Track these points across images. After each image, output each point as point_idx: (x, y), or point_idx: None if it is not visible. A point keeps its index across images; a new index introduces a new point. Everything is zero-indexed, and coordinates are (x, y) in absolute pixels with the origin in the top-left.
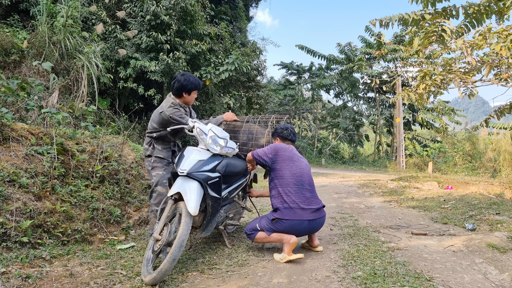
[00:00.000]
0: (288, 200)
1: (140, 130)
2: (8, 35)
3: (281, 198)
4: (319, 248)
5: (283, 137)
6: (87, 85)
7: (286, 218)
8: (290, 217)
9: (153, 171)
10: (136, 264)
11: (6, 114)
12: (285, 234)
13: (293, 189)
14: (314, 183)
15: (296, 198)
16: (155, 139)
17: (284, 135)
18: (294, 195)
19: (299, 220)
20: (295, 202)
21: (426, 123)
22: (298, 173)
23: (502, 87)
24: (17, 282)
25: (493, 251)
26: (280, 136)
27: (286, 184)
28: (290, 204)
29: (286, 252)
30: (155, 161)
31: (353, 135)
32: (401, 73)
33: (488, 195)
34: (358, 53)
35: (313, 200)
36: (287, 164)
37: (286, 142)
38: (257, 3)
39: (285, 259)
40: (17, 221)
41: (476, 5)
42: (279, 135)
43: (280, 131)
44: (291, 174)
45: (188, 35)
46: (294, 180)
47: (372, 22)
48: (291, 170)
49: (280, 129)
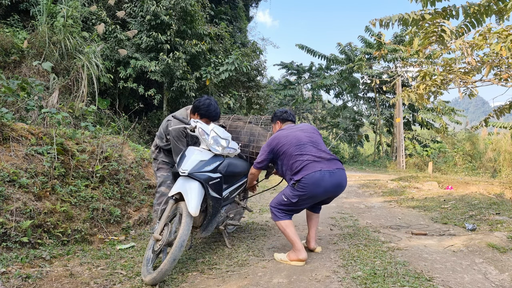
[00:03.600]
0: (298, 162)
1: (140, 130)
2: (8, 35)
3: (291, 166)
4: (317, 249)
5: (283, 119)
6: (87, 85)
7: (305, 174)
8: (308, 171)
9: (158, 172)
10: (136, 264)
11: (6, 114)
12: (299, 243)
13: (297, 153)
14: (320, 140)
15: (305, 157)
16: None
17: (284, 117)
18: (301, 156)
19: (318, 171)
20: (306, 160)
21: (426, 123)
22: (295, 142)
23: (502, 87)
24: (17, 282)
25: (493, 251)
26: (280, 118)
27: (290, 156)
28: (302, 163)
29: (288, 257)
30: (161, 163)
31: (353, 135)
32: (401, 73)
33: (488, 195)
34: (358, 53)
35: (322, 153)
36: (283, 143)
37: (285, 123)
38: (257, 3)
39: (285, 262)
40: (17, 221)
41: (476, 5)
42: (279, 118)
43: (279, 114)
44: (290, 147)
45: (188, 35)
46: (295, 149)
47: (372, 22)
48: (289, 145)
49: (280, 112)
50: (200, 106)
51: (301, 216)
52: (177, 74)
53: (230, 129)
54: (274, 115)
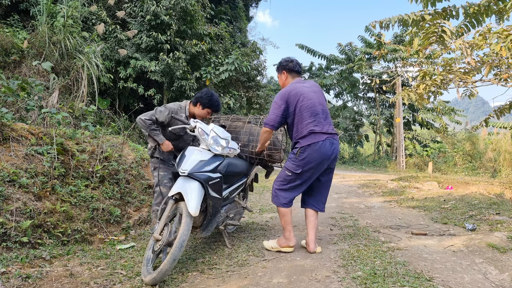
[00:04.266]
0: (303, 127)
1: (140, 130)
2: (8, 35)
3: (298, 131)
4: (317, 249)
5: (289, 69)
6: (87, 85)
7: (311, 142)
8: (315, 140)
9: (155, 171)
10: (136, 264)
11: (6, 114)
12: (291, 231)
13: (308, 121)
14: (328, 111)
15: (316, 127)
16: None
17: (290, 67)
18: (312, 124)
19: (322, 141)
20: (316, 130)
21: (426, 123)
22: (310, 106)
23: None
24: (17, 282)
25: (493, 251)
26: (286, 69)
27: (301, 119)
28: (306, 130)
29: (278, 243)
30: (157, 161)
31: (353, 135)
32: (401, 73)
33: (488, 195)
34: (358, 53)
35: (328, 126)
36: (297, 101)
37: (292, 74)
38: (257, 3)
39: (275, 249)
40: (17, 221)
41: (476, 5)
42: (285, 68)
43: (285, 63)
44: (305, 110)
45: (188, 35)
46: (308, 114)
47: (372, 25)
48: (305, 108)
49: (285, 61)
50: (202, 96)
51: (301, 216)
52: (177, 74)
53: (229, 129)
54: (280, 64)
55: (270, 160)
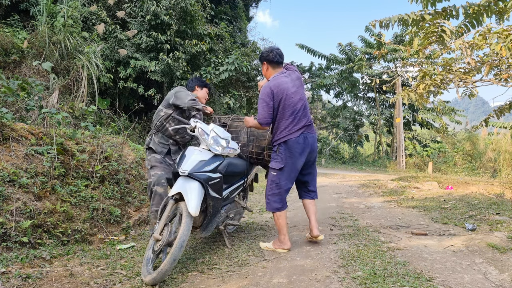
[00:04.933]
0: (282, 126)
1: (140, 130)
2: (8, 35)
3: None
4: (320, 237)
5: (269, 60)
6: (87, 85)
7: (282, 140)
8: (286, 138)
9: (152, 170)
10: (136, 264)
11: (6, 114)
12: (286, 234)
13: (289, 120)
14: (307, 103)
15: (295, 125)
16: (157, 131)
17: (270, 58)
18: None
19: (294, 136)
20: (288, 127)
21: (426, 123)
22: (292, 105)
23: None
24: (17, 282)
25: (493, 251)
26: (267, 59)
27: (282, 117)
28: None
29: (273, 245)
30: (156, 160)
31: (353, 135)
32: (401, 73)
33: (488, 195)
34: (358, 53)
35: (307, 121)
36: (280, 98)
37: (273, 65)
38: (257, 3)
39: (270, 249)
40: (17, 221)
41: (476, 5)
42: (266, 58)
43: (266, 54)
44: (288, 109)
45: (188, 35)
46: (290, 112)
47: (372, 24)
48: (288, 106)
49: (266, 52)
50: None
51: (301, 216)
52: (177, 74)
53: (230, 129)
54: (261, 55)
55: (270, 160)
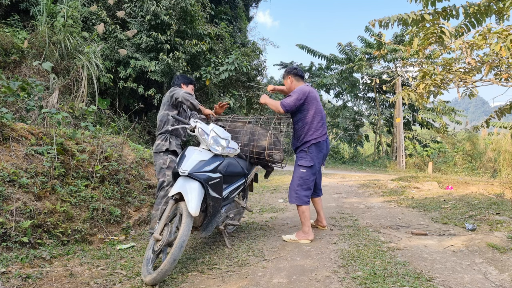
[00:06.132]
0: (314, 129)
1: (140, 130)
2: (8, 35)
3: (310, 129)
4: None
5: (295, 74)
6: (87, 85)
7: (313, 137)
8: (317, 140)
9: (168, 170)
10: (136, 264)
11: (6, 114)
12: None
13: (319, 124)
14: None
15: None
16: (171, 133)
17: (295, 72)
18: (321, 127)
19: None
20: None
21: (426, 123)
22: (320, 111)
23: (502, 87)
24: (17, 282)
25: (493, 251)
26: (292, 73)
27: (313, 121)
28: (316, 131)
29: (297, 237)
30: (171, 160)
31: (353, 135)
32: (401, 73)
33: (488, 195)
34: (358, 53)
35: (325, 126)
36: (313, 104)
37: (297, 78)
38: (257, 3)
39: (293, 241)
40: (17, 221)
41: (476, 5)
42: (292, 72)
43: (291, 70)
44: (318, 113)
45: (188, 35)
46: (319, 118)
47: (371, 23)
48: (318, 112)
49: (291, 68)
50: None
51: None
52: (177, 74)
53: (230, 129)
54: (287, 70)
55: (270, 160)
